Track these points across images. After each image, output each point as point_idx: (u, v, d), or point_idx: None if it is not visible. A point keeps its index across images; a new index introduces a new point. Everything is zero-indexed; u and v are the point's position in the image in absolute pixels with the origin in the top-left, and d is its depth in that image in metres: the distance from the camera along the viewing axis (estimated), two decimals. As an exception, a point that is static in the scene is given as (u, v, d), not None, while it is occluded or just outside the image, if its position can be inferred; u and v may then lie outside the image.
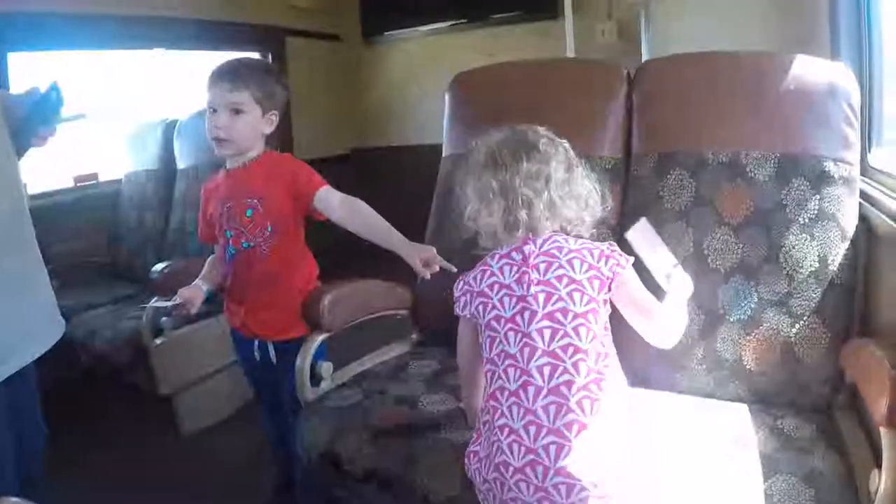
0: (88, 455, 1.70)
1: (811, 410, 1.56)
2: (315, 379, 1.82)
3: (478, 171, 1.38)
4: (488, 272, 1.34)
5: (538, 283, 1.28)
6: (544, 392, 1.21)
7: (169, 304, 1.93)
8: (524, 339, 1.26)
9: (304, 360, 1.79)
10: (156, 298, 2.25)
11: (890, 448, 1.21)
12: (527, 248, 1.32)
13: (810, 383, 1.60)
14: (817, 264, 1.61)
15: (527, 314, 1.27)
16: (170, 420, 2.78)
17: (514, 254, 1.33)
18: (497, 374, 1.27)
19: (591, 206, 1.40)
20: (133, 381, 2.74)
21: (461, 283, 1.39)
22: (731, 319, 1.65)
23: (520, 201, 1.33)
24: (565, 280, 1.28)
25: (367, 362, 1.99)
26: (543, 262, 1.30)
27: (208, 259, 2.04)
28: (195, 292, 1.92)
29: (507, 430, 1.21)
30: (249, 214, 1.83)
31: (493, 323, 1.30)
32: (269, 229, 1.84)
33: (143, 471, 2.45)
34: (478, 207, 1.38)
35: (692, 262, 1.68)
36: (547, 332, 1.25)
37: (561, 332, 1.24)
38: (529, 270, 1.29)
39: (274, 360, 1.94)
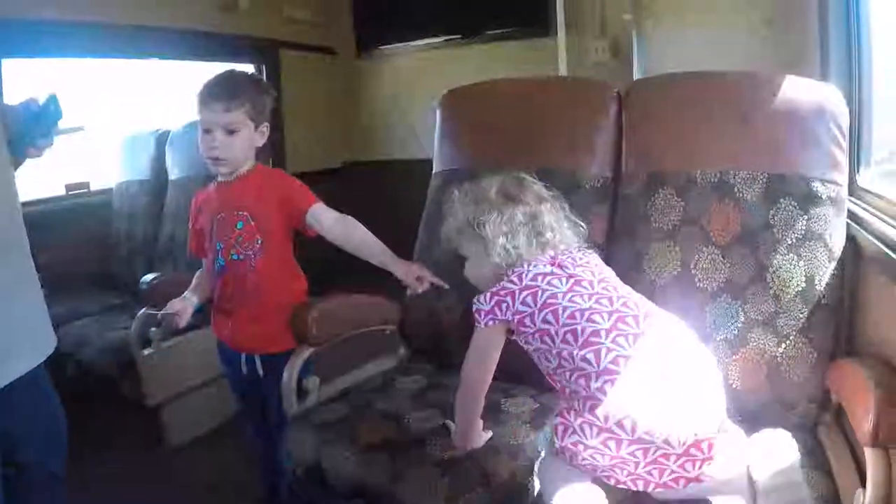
0: (72, 465, 1.70)
1: (797, 429, 1.55)
2: (302, 393, 1.82)
3: (499, 207, 1.50)
4: (526, 273, 1.43)
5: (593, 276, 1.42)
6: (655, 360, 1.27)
7: (159, 313, 1.94)
8: (615, 314, 1.33)
9: (290, 375, 1.79)
10: (146, 307, 2.25)
11: (875, 467, 1.22)
12: (562, 258, 1.45)
13: (796, 402, 1.60)
14: (804, 284, 1.61)
15: (604, 299, 1.36)
16: (156, 432, 2.76)
17: (546, 266, 1.44)
18: (604, 348, 1.28)
19: None
20: (120, 391, 2.73)
21: (488, 296, 1.44)
22: (718, 338, 1.64)
23: (546, 225, 1.50)
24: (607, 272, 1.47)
25: (354, 377, 1.99)
26: (582, 264, 1.44)
27: (197, 272, 2.04)
28: (185, 305, 1.93)
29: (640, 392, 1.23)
30: (240, 227, 1.84)
31: (553, 301, 1.37)
32: (259, 242, 1.85)
33: (128, 482, 2.43)
34: (504, 237, 1.48)
35: (679, 281, 1.69)
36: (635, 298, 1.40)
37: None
38: (575, 271, 1.42)
39: (261, 373, 1.94)
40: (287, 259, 1.96)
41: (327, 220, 1.85)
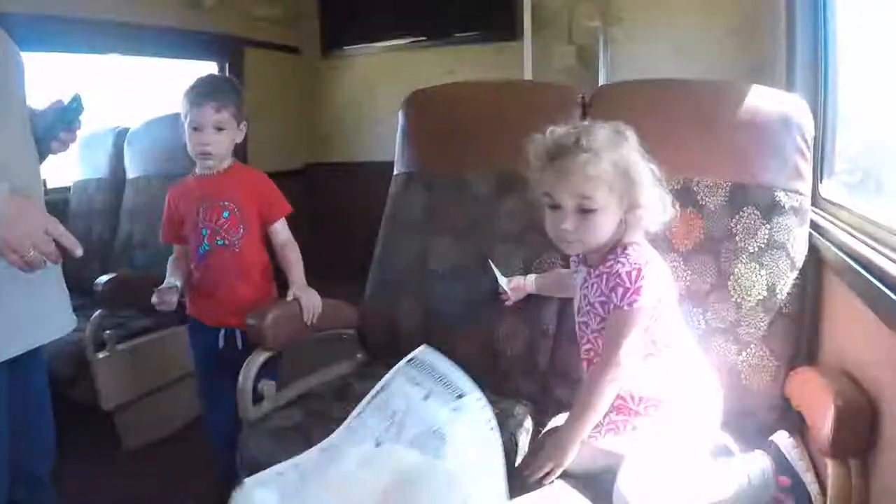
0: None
1: (755, 437, 1.56)
2: (258, 397, 1.79)
3: (640, 153, 1.44)
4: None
5: None
6: None
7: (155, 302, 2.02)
8: None
9: (246, 379, 1.76)
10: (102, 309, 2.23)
11: (835, 477, 1.23)
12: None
13: (756, 410, 1.61)
14: (766, 293, 1.62)
15: None
16: (112, 435, 2.71)
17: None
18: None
19: None
20: (74, 395, 2.67)
21: (645, 268, 1.40)
22: (679, 346, 1.64)
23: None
24: None
25: (311, 382, 1.96)
26: None
27: (169, 259, 2.17)
28: (170, 289, 2.05)
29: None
30: (226, 216, 2.04)
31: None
32: (242, 230, 2.05)
33: (83, 486, 2.37)
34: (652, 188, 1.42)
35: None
36: None
37: None
38: None
39: (240, 345, 2.05)
40: (261, 244, 2.13)
41: (280, 238, 2.10)
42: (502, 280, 1.84)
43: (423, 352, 1.64)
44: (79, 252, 1.38)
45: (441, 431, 1.42)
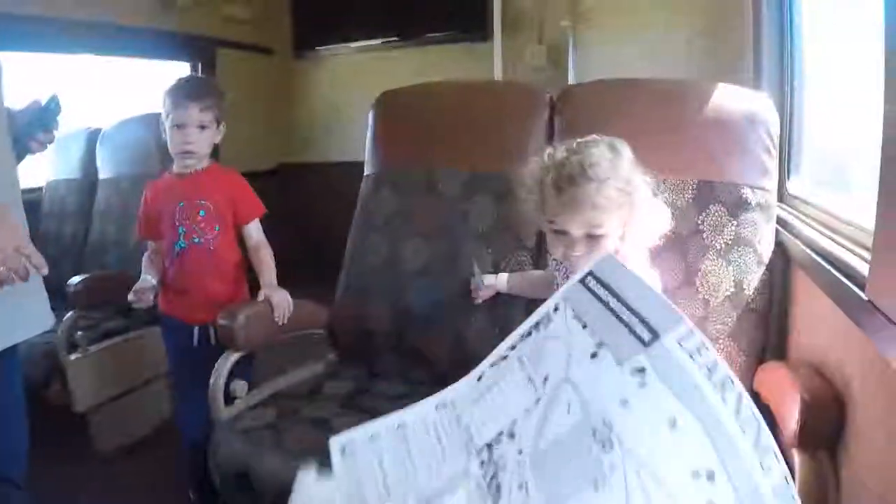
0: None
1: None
2: (229, 398, 1.79)
3: (634, 165, 1.42)
4: None
5: None
6: None
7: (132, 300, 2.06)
8: None
9: (217, 379, 1.76)
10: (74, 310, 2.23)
11: (801, 469, 1.24)
12: None
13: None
14: (733, 289, 1.63)
15: None
16: (85, 438, 2.68)
17: None
18: None
19: None
20: (47, 397, 2.64)
21: None
22: (647, 342, 1.64)
23: None
24: None
25: (283, 382, 1.96)
26: None
27: (144, 256, 2.19)
28: (145, 285, 2.09)
29: None
30: (203, 214, 2.06)
31: None
32: (217, 228, 2.07)
33: (56, 489, 2.35)
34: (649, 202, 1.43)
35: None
36: None
37: None
38: None
39: (213, 342, 2.03)
40: (235, 242, 2.15)
41: (253, 239, 2.12)
42: (487, 278, 1.84)
43: (602, 264, 0.86)
44: (45, 271, 1.37)
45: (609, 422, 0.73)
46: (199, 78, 2.35)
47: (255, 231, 2.12)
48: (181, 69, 4.21)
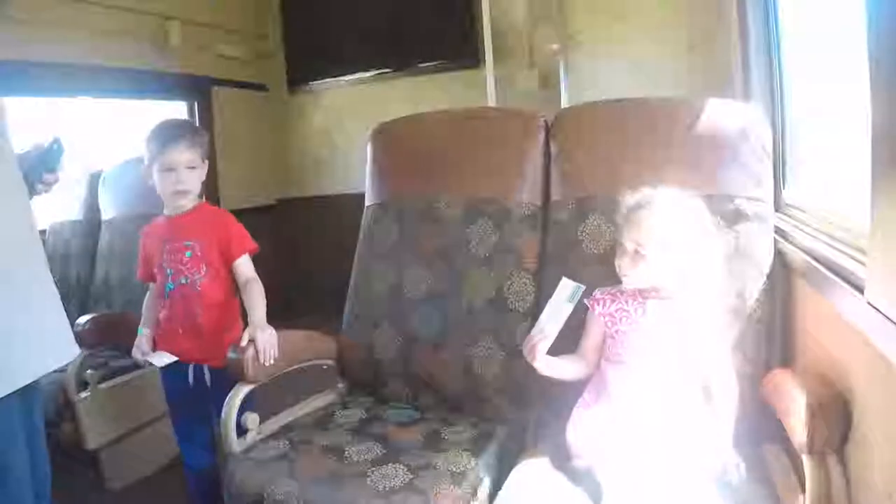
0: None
1: (736, 444, 1.57)
2: (241, 430, 1.79)
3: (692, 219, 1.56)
4: None
5: None
6: None
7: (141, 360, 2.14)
8: None
9: (229, 412, 1.76)
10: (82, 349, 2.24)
11: (812, 473, 1.24)
12: None
13: (736, 416, 1.62)
14: (735, 299, 1.63)
15: None
16: (96, 475, 2.69)
17: None
18: None
19: None
20: (58, 435, 2.64)
21: None
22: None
23: None
24: None
25: (294, 413, 1.97)
26: None
27: (145, 300, 2.22)
28: (143, 339, 2.14)
29: None
30: (189, 256, 2.08)
31: None
32: (204, 269, 2.07)
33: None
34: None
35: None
36: None
37: None
38: None
39: (209, 383, 2.08)
40: (227, 284, 2.13)
41: (242, 277, 2.09)
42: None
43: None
44: None
45: None
46: (179, 120, 2.41)
47: (244, 267, 2.10)
48: (178, 109, 4.26)
